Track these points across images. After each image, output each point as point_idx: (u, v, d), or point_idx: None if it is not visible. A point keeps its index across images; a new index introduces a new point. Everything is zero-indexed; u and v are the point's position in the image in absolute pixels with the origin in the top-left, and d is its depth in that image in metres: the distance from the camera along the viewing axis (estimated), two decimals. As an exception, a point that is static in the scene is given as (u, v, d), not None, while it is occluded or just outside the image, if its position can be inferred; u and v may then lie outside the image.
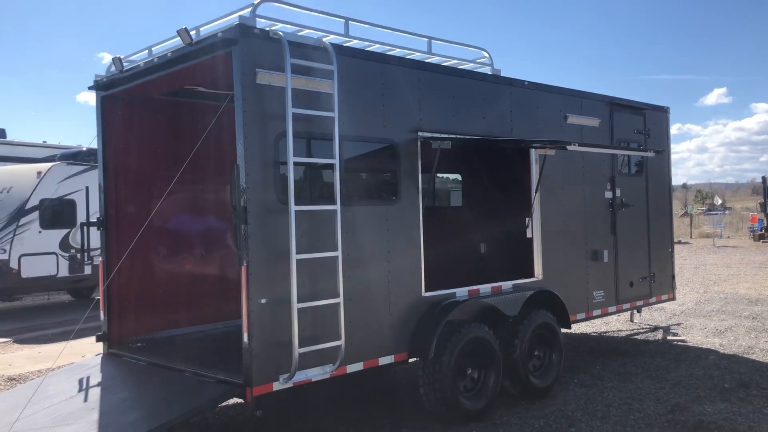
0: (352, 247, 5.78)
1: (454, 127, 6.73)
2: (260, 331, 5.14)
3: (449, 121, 6.69)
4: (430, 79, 6.53)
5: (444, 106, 6.65)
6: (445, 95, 6.68)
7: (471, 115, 6.91)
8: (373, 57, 6.09)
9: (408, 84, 6.33)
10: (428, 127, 6.48)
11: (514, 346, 6.89)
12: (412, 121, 6.34)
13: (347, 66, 5.81)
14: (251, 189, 5.13)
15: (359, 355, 5.82)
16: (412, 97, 6.36)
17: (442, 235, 9.32)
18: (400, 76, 6.26)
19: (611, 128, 8.79)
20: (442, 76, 6.66)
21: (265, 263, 5.18)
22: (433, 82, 6.56)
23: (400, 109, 6.24)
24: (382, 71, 6.10)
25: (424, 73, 6.49)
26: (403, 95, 6.28)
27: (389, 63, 6.20)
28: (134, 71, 6.22)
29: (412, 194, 6.31)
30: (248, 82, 5.14)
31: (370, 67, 6.02)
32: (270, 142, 5.25)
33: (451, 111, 6.73)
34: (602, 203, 8.63)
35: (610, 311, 8.72)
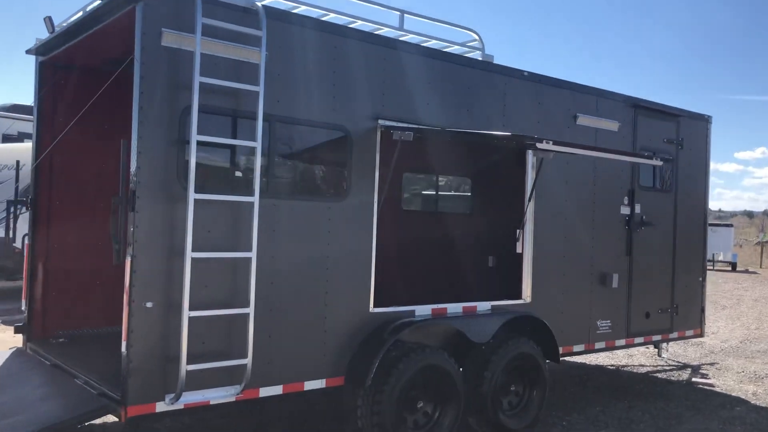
0: (277, 249, 4.89)
1: (427, 119, 5.74)
2: (143, 340, 4.31)
3: (421, 111, 5.71)
4: (399, 59, 5.57)
5: (415, 93, 5.68)
6: (418, 80, 5.70)
7: (450, 105, 5.91)
8: (324, 28, 5.18)
9: (370, 63, 5.39)
10: (392, 114, 5.52)
11: (483, 378, 5.86)
12: (371, 107, 5.40)
13: (289, 35, 4.93)
14: (144, 170, 4.30)
15: (279, 377, 4.92)
16: (374, 79, 5.42)
17: (443, 244, 8.34)
18: (359, 52, 5.33)
19: (634, 134, 7.61)
20: (414, 57, 5.69)
21: (155, 260, 4.35)
22: (403, 64, 5.60)
23: (356, 91, 5.31)
24: (336, 45, 5.19)
25: (391, 51, 5.53)
26: (363, 76, 5.35)
27: (346, 36, 5.27)
28: (59, 33, 5.50)
29: (365, 192, 5.37)
30: (150, 44, 4.31)
31: (321, 39, 5.11)
32: (175, 117, 4.41)
33: (424, 99, 5.74)
34: (616, 220, 7.46)
35: (617, 345, 7.54)
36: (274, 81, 4.83)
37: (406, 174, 8.82)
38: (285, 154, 5.07)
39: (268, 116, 4.79)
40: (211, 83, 4.44)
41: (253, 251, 4.63)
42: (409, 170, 8.82)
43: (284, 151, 5.04)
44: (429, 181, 9.20)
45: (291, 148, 5.12)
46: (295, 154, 5.18)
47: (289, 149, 5.10)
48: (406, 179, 8.89)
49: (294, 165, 5.20)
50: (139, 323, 4.29)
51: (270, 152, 4.84)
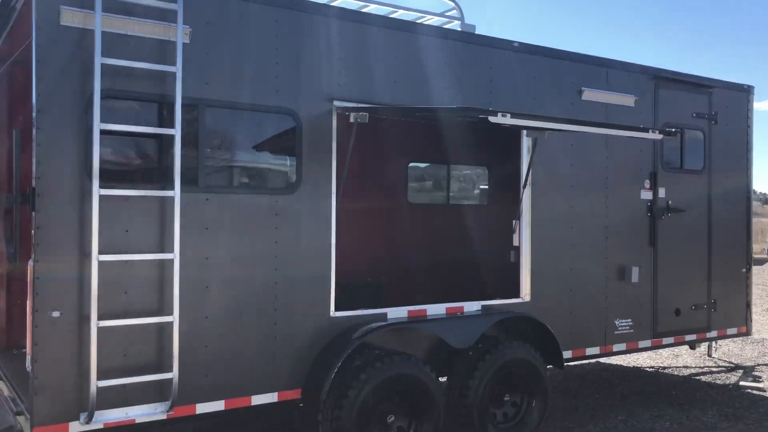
0: (213, 249, 4.37)
1: (394, 98, 5.11)
2: (49, 354, 3.88)
3: (386, 90, 5.08)
4: (357, 32, 4.97)
5: (378, 70, 5.06)
6: (382, 56, 5.08)
7: (422, 83, 5.26)
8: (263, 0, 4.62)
9: (320, 38, 4.81)
10: (351, 95, 4.92)
11: (468, 388, 5.19)
12: (324, 87, 4.81)
13: (220, 9, 4.41)
14: (45, 165, 3.86)
15: (219, 391, 4.41)
16: (327, 56, 4.83)
17: (455, 239, 7.68)
18: (308, 27, 4.75)
19: (654, 109, 6.74)
20: (377, 30, 5.07)
21: (62, 265, 3.90)
22: (362, 38, 4.99)
23: (305, 70, 4.74)
24: (278, 19, 4.63)
25: (348, 24, 4.93)
26: (312, 52, 4.77)
27: (290, 8, 4.70)
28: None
29: (320, 183, 4.79)
30: (47, 24, 3.86)
31: (260, 12, 4.56)
32: (80, 104, 3.95)
33: (391, 77, 5.12)
34: (636, 206, 6.62)
35: (641, 346, 6.70)
36: (201, 61, 4.31)
37: (412, 164, 8.20)
38: (219, 143, 4.55)
39: (196, 100, 4.29)
40: (117, 65, 3.96)
41: (176, 252, 4.13)
42: (415, 160, 8.20)
43: (218, 140, 4.52)
44: (439, 172, 8.53)
45: (226, 136, 4.59)
46: (232, 143, 4.65)
47: (225, 137, 4.58)
48: (412, 170, 8.27)
49: (231, 155, 4.68)
50: (45, 335, 3.86)
51: (200, 141, 4.33)
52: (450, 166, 8.39)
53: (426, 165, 8.48)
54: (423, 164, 8.45)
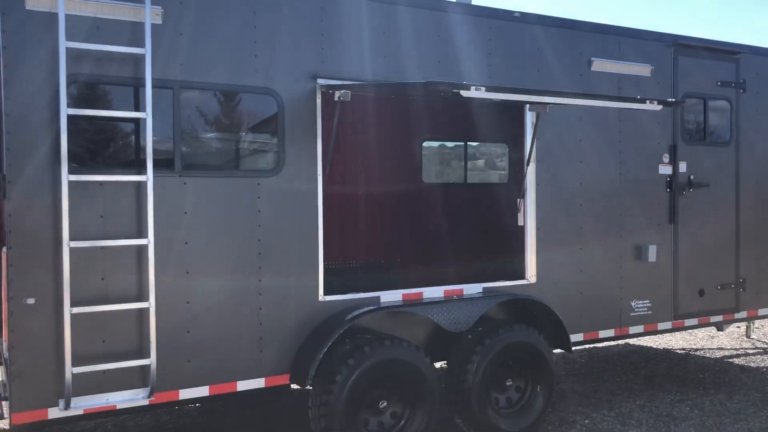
0: (192, 234, 4.31)
1: (382, 74, 4.94)
2: (26, 340, 3.89)
3: (374, 66, 4.91)
4: (340, 6, 4.80)
5: (364, 45, 4.88)
6: (368, 29, 4.90)
7: (413, 57, 5.06)
8: (238, -24, 4.49)
9: (301, 13, 4.66)
10: (336, 72, 4.76)
11: (466, 372, 5.04)
12: (306, 64, 4.67)
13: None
14: (15, 151, 3.85)
15: (203, 377, 4.37)
16: (310, 31, 4.68)
17: (473, 220, 7.48)
18: (286, 1, 4.61)
19: (673, 78, 6.37)
20: (362, 3, 4.89)
21: (35, 251, 3.89)
22: (347, 12, 4.82)
23: (286, 47, 4.60)
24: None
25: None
26: (292, 29, 4.63)
27: (267, -16, 4.56)
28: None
29: (304, 164, 4.67)
30: (12, 8, 3.83)
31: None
32: (49, 90, 3.91)
33: (380, 51, 4.94)
34: (653, 182, 6.29)
35: (661, 328, 6.40)
36: (174, 41, 4.22)
37: (427, 143, 8.00)
38: (196, 126, 4.46)
39: (169, 82, 4.21)
40: (82, 48, 3.90)
41: (149, 237, 4.08)
42: (429, 138, 7.99)
43: (194, 122, 4.43)
44: (455, 150, 8.30)
45: (203, 118, 4.50)
46: (210, 125, 4.56)
47: (201, 119, 4.49)
48: (427, 149, 8.07)
49: (209, 137, 4.59)
50: (21, 322, 3.87)
51: (176, 124, 4.25)
52: (467, 144, 8.15)
53: (441, 143, 8.27)
54: (438, 142, 8.24)
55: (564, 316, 5.54)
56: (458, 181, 8.17)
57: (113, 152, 4.31)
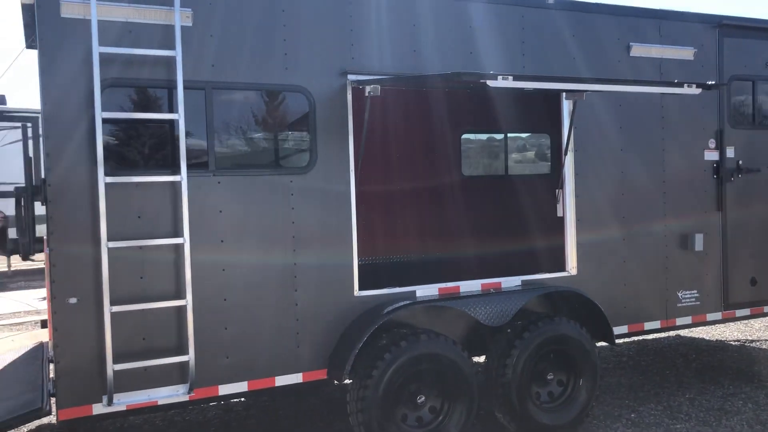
0: (227, 232, 4.38)
1: (414, 68, 4.91)
2: (69, 339, 4.01)
3: (404, 60, 4.89)
4: (368, 1, 4.79)
5: (395, 39, 4.86)
6: (398, 23, 4.88)
7: (444, 50, 5.02)
8: (265, -24, 4.52)
9: (330, 9, 4.67)
10: (366, 67, 4.76)
11: (505, 366, 4.98)
12: (337, 60, 4.68)
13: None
14: (54, 156, 3.97)
15: (242, 373, 4.43)
16: (339, 28, 4.69)
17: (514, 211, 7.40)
18: (315, 0, 4.62)
19: (719, 61, 6.16)
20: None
21: (76, 252, 4.01)
22: (375, 6, 4.81)
23: (315, 44, 4.62)
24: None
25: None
26: (321, 25, 4.64)
27: (294, -18, 4.58)
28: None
29: (337, 160, 4.68)
30: (48, 17, 3.94)
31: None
32: (85, 94, 4.02)
33: (410, 45, 4.91)
34: (699, 168, 6.10)
35: (710, 319, 6.21)
36: (206, 43, 4.29)
37: (466, 135, 7.93)
38: (229, 125, 4.51)
39: (202, 84, 4.28)
40: (115, 53, 3.99)
41: (185, 236, 4.16)
42: (469, 130, 7.92)
43: (227, 122, 4.49)
44: (496, 141, 8.21)
45: (236, 118, 4.55)
46: (242, 124, 4.61)
47: (235, 119, 4.54)
48: (466, 141, 8.00)
49: (241, 136, 4.64)
50: (64, 321, 3.99)
51: (209, 124, 4.32)
52: (507, 135, 8.05)
53: (481, 135, 8.18)
54: (478, 134, 8.16)
55: (607, 308, 5.42)
56: (498, 173, 8.07)
57: (148, 153, 4.40)
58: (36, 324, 9.83)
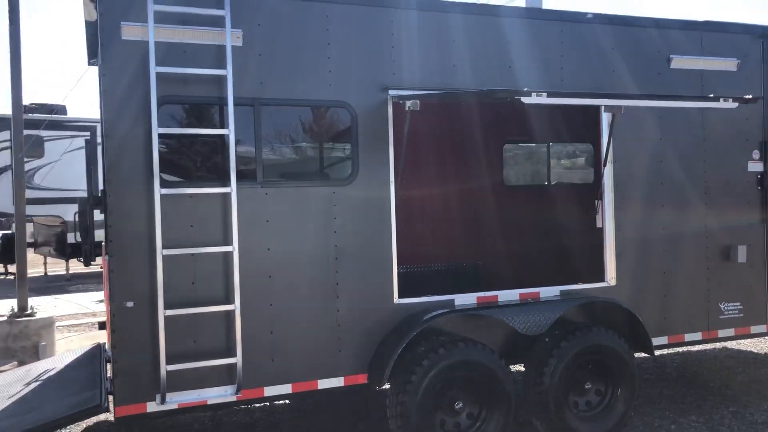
0: (274, 240, 4.60)
1: (453, 82, 5.06)
2: (127, 340, 4.28)
3: (444, 75, 5.04)
4: (409, 19, 4.96)
5: (434, 55, 5.02)
6: (437, 39, 5.04)
7: (483, 65, 5.15)
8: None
9: (373, 28, 4.86)
10: (406, 82, 4.93)
11: (542, 375, 5.07)
12: (378, 76, 4.87)
13: (269, 10, 4.59)
14: (114, 169, 4.25)
15: (286, 375, 4.64)
16: (380, 45, 4.88)
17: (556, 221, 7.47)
18: (357, 18, 4.82)
19: (764, 71, 6.13)
20: (430, 15, 5.03)
21: (132, 259, 4.28)
22: (416, 24, 4.98)
23: (357, 61, 4.82)
24: (328, 13, 4.74)
25: (398, 12, 4.94)
26: (364, 43, 4.84)
27: (338, 2, 4.79)
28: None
29: (377, 172, 4.86)
30: (110, 40, 4.24)
31: (308, 9, 4.69)
32: (142, 111, 4.29)
33: (449, 60, 5.06)
34: (742, 180, 6.08)
35: (754, 332, 6.17)
36: (254, 62, 4.53)
37: (507, 145, 8.03)
38: (276, 139, 4.74)
39: (251, 100, 4.51)
40: (171, 72, 4.26)
41: (234, 245, 4.39)
42: (510, 140, 8.03)
43: (275, 136, 4.72)
44: (538, 151, 8.28)
45: (283, 132, 4.78)
46: (289, 138, 4.83)
47: (281, 133, 4.77)
48: (508, 151, 8.10)
49: (288, 149, 4.86)
50: (122, 323, 4.26)
51: (257, 138, 4.56)
52: (549, 145, 8.12)
53: (523, 144, 8.27)
54: (520, 144, 8.24)
55: (646, 319, 5.46)
56: (541, 182, 8.14)
57: (200, 166, 4.65)
58: (93, 326, 10.28)
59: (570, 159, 8.54)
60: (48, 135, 14.99)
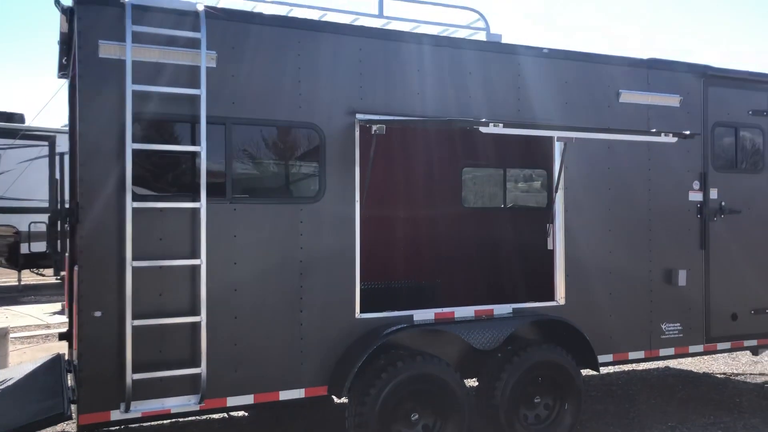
0: (240, 255, 4.75)
1: (416, 109, 5.32)
2: (93, 349, 4.37)
3: (408, 101, 5.30)
4: (377, 48, 5.22)
5: (399, 82, 5.28)
6: (402, 68, 5.30)
7: (445, 93, 5.43)
8: (284, 23, 4.97)
9: (341, 54, 5.10)
10: (373, 108, 5.17)
11: (494, 389, 5.32)
12: (346, 101, 5.10)
13: (243, 34, 4.78)
14: (87, 182, 4.37)
15: (249, 386, 4.78)
16: (349, 71, 5.11)
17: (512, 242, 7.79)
18: (327, 45, 5.05)
19: (703, 108, 6.57)
20: (396, 45, 5.29)
21: (102, 270, 4.39)
22: (383, 53, 5.23)
23: (327, 85, 5.04)
24: (300, 40, 4.96)
25: (367, 41, 5.19)
26: (333, 69, 5.07)
27: (310, 29, 5.02)
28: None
29: (343, 191, 5.08)
30: (87, 57, 4.37)
31: (281, 35, 4.91)
32: (116, 127, 4.43)
33: (413, 88, 5.33)
34: (683, 208, 6.48)
35: (692, 351, 6.54)
36: (227, 82, 4.71)
37: (466, 168, 8.35)
38: (246, 157, 4.92)
39: (223, 119, 4.69)
40: (146, 91, 4.41)
41: (202, 258, 4.54)
42: (469, 164, 8.34)
43: (245, 154, 4.90)
44: (495, 175, 8.62)
45: (253, 150, 4.96)
46: (259, 156, 5.02)
47: (251, 151, 4.95)
48: (467, 173, 8.41)
49: (257, 167, 5.04)
50: (88, 332, 4.35)
51: (228, 156, 4.73)
52: (506, 170, 8.46)
53: (480, 169, 8.60)
54: (477, 168, 8.57)
55: (593, 337, 5.77)
56: (497, 205, 8.47)
57: (171, 181, 4.79)
58: (47, 338, 10.17)
59: (526, 183, 8.90)
60: (3, 143, 14.79)
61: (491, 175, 8.70)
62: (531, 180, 8.85)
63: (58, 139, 14.75)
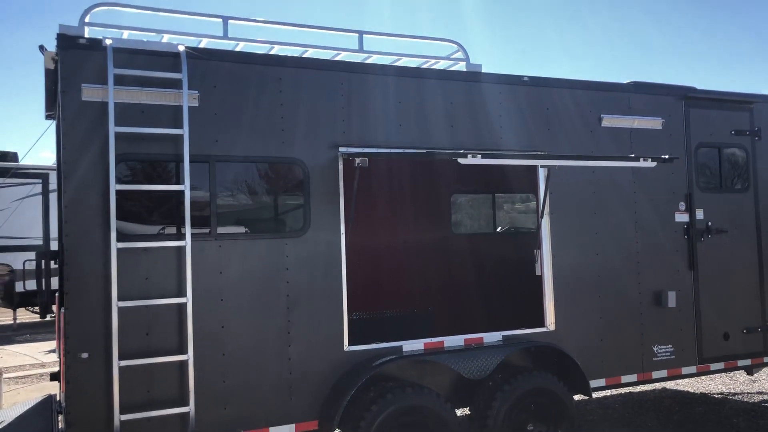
0: (227, 291, 4.77)
1: (399, 140, 5.38)
2: (80, 391, 4.36)
3: (390, 133, 5.36)
4: (358, 82, 5.29)
5: (381, 115, 5.34)
6: (384, 100, 5.37)
7: (427, 124, 5.49)
8: (265, 61, 5.04)
9: (323, 89, 5.16)
10: (355, 140, 5.23)
11: (486, 417, 5.30)
12: (330, 135, 5.15)
13: (224, 73, 4.85)
14: (71, 223, 4.40)
15: (238, 423, 4.76)
16: (331, 106, 5.18)
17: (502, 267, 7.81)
18: (309, 81, 5.12)
19: (686, 130, 6.64)
20: (376, 78, 5.37)
21: (88, 311, 4.40)
22: (364, 86, 5.30)
23: (309, 120, 5.10)
24: (281, 76, 5.03)
25: (348, 75, 5.26)
26: (315, 103, 5.13)
27: (291, 66, 5.09)
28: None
29: (329, 224, 5.11)
30: (71, 100, 4.43)
31: (262, 72, 4.98)
32: (101, 168, 4.47)
33: (395, 120, 5.39)
34: (670, 229, 6.52)
35: (685, 372, 6.53)
36: (210, 121, 4.76)
37: (456, 195, 8.40)
38: (230, 194, 4.96)
39: (206, 157, 4.73)
40: (129, 132, 4.46)
41: (188, 296, 4.55)
42: (458, 191, 8.40)
43: (229, 191, 4.93)
44: (484, 201, 8.67)
45: (237, 187, 5.00)
46: (243, 193, 5.05)
47: (235, 188, 4.98)
48: (456, 200, 8.46)
49: (241, 203, 5.07)
50: (76, 374, 4.35)
51: (212, 193, 4.76)
52: (495, 195, 8.52)
53: (470, 195, 8.65)
54: (467, 195, 8.62)
55: (584, 362, 5.76)
56: (487, 230, 8.51)
57: (156, 221, 4.82)
58: (42, 377, 10.12)
59: (515, 207, 8.95)
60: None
61: (481, 201, 8.75)
62: (521, 203, 8.89)
63: (51, 177, 14.81)
